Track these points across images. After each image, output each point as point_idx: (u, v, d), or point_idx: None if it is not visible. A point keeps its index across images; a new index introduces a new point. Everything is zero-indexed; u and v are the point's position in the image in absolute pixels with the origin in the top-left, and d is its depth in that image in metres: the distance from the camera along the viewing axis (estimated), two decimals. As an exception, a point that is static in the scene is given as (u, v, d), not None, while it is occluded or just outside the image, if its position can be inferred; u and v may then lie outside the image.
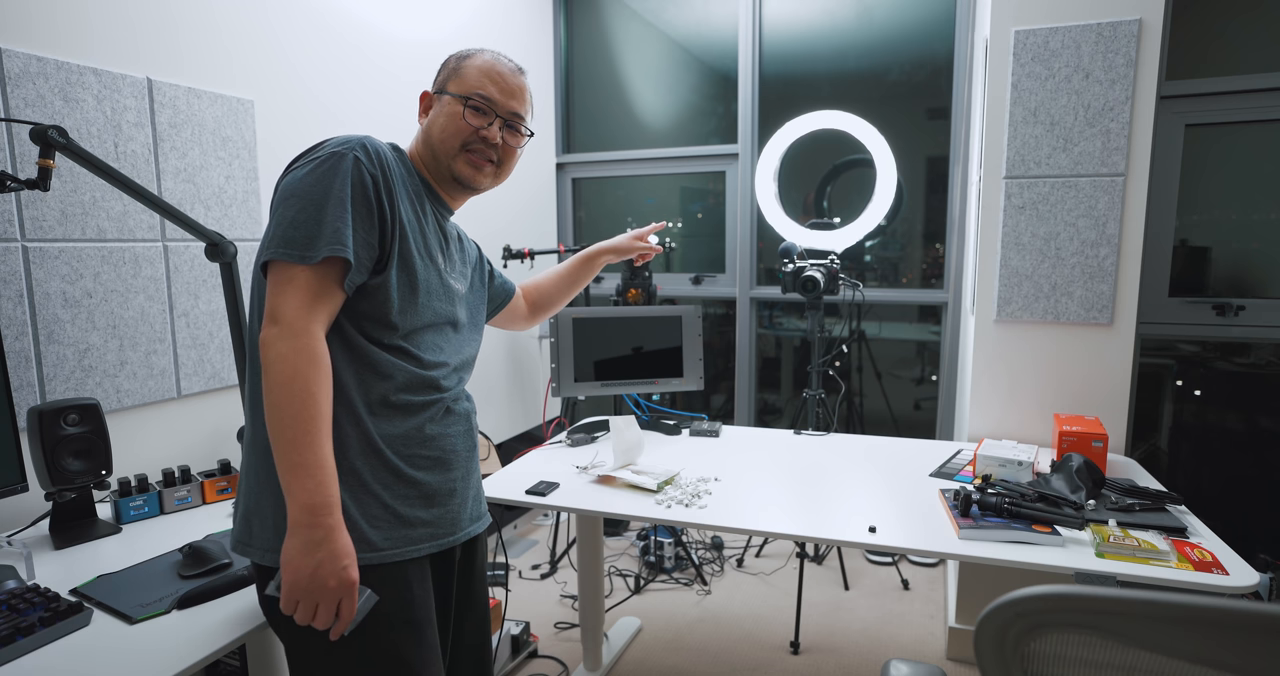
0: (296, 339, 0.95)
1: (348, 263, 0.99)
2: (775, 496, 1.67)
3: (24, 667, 0.99)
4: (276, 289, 0.98)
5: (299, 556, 0.92)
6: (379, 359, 1.06)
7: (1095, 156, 2.01)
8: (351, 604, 0.95)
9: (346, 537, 0.95)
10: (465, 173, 1.16)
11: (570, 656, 2.28)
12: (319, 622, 0.94)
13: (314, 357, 0.96)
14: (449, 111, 1.15)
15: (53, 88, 1.50)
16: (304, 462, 0.93)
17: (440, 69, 1.21)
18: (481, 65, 1.16)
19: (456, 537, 1.16)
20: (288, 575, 0.93)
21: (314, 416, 0.94)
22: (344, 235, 0.98)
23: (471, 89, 1.15)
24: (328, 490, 0.94)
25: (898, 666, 1.00)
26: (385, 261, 1.05)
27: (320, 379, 0.96)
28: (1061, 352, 2.11)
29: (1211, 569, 1.28)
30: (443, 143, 1.15)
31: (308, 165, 1.02)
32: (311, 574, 0.92)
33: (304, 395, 0.94)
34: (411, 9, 2.55)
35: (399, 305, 1.06)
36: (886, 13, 2.95)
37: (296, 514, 0.93)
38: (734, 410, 3.36)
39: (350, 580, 0.94)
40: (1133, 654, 0.61)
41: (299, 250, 0.97)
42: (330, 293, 0.99)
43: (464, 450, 1.18)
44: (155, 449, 1.74)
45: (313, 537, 0.92)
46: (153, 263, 1.71)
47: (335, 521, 0.94)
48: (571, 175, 3.57)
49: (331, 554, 0.93)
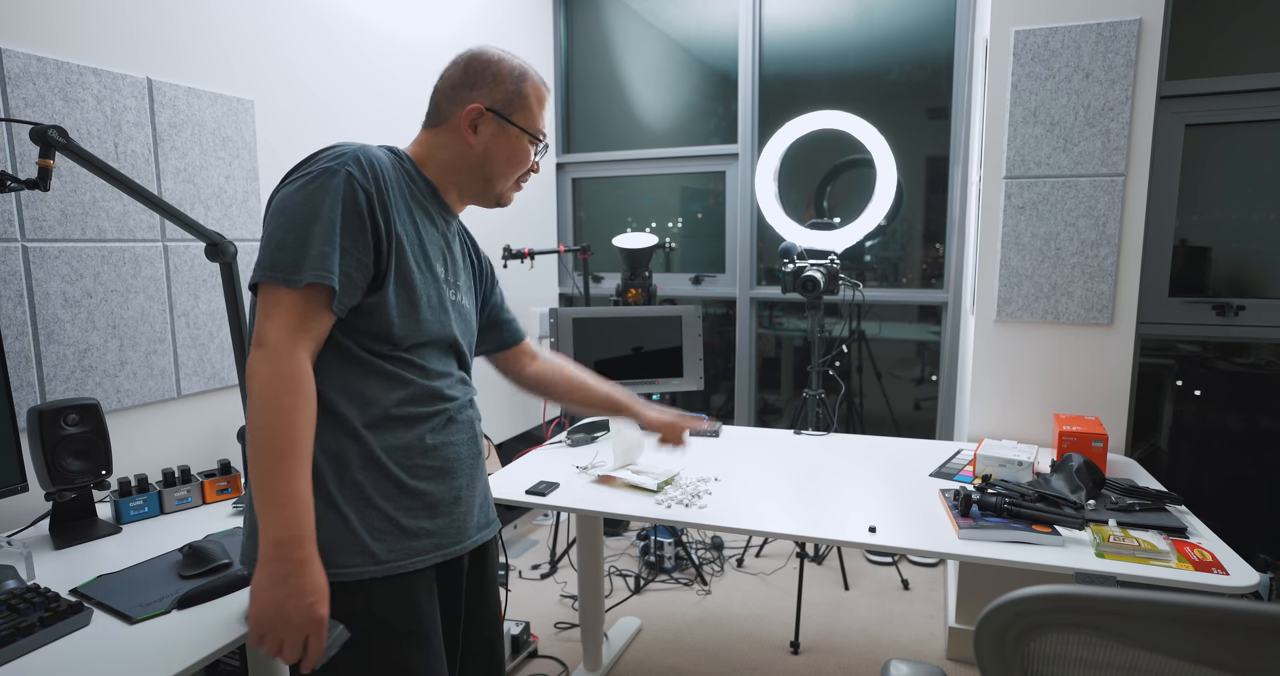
0: (278, 364, 0.93)
1: (332, 289, 0.97)
2: (775, 496, 1.67)
3: (24, 667, 0.99)
4: (263, 311, 0.96)
5: (264, 590, 0.90)
6: (382, 371, 1.04)
7: (1095, 156, 2.01)
8: (320, 640, 0.92)
9: (316, 572, 0.92)
10: (510, 197, 1.20)
11: (570, 656, 2.28)
12: (284, 658, 0.92)
13: (294, 384, 0.94)
14: (516, 146, 1.14)
15: (53, 88, 1.50)
16: (276, 493, 0.91)
17: (488, 78, 1.13)
18: (538, 95, 1.16)
19: (463, 546, 1.14)
20: (253, 608, 0.91)
21: (289, 445, 0.92)
22: (330, 260, 0.96)
23: (537, 126, 1.16)
24: (298, 522, 0.91)
25: (898, 666, 1.00)
26: (382, 279, 1.02)
27: (299, 406, 0.93)
28: (1061, 353, 2.11)
29: (1211, 569, 1.28)
30: (504, 174, 1.16)
31: (299, 181, 1.00)
32: (277, 609, 0.90)
33: (278, 423, 0.92)
34: (411, 9, 2.55)
35: (399, 321, 1.04)
36: (886, 13, 2.95)
37: (265, 546, 0.91)
38: (734, 410, 3.36)
39: (317, 617, 0.91)
40: (1133, 654, 0.61)
41: (284, 273, 0.95)
42: (317, 316, 0.97)
43: (468, 457, 1.16)
44: (155, 449, 1.74)
45: (280, 571, 0.90)
46: (153, 263, 1.71)
47: (304, 555, 0.91)
48: (571, 175, 3.57)
49: (298, 589, 0.90)
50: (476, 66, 1.13)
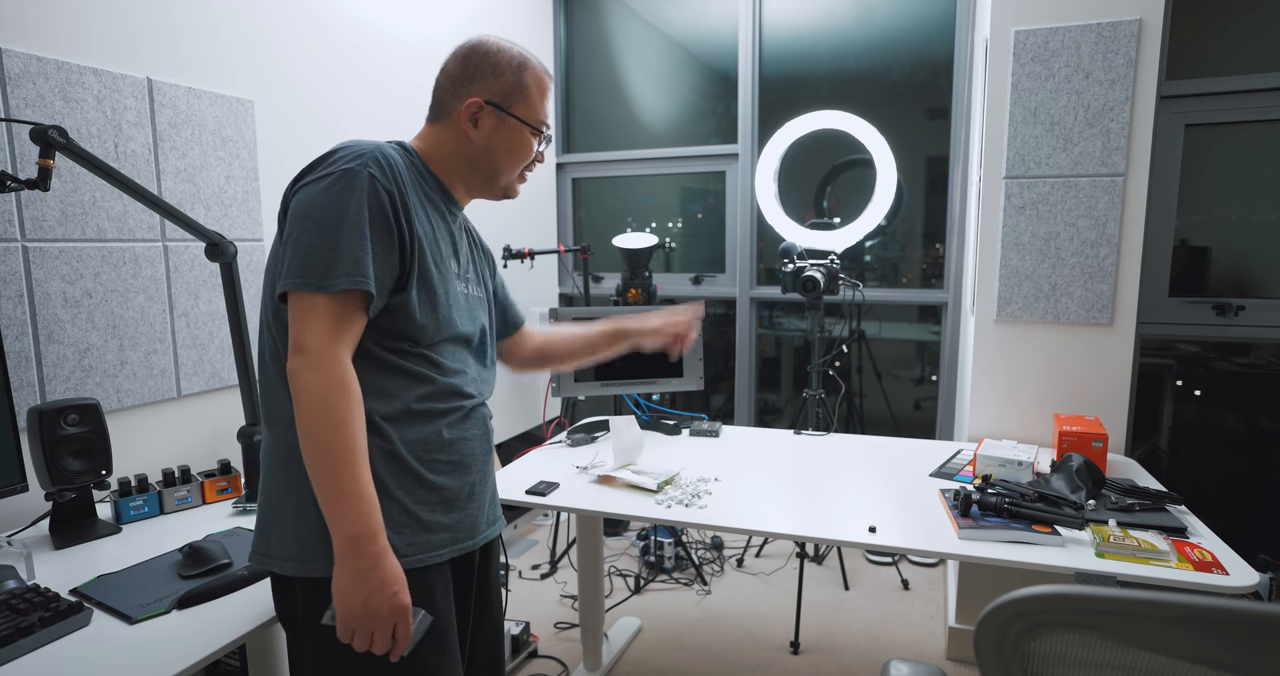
0: (325, 368, 0.94)
1: (368, 293, 0.98)
2: (775, 496, 1.67)
3: (24, 667, 0.99)
4: (298, 318, 0.96)
5: (350, 587, 0.93)
6: (402, 368, 1.05)
7: (1095, 156, 2.01)
8: (407, 628, 0.96)
9: (394, 563, 0.96)
10: (516, 189, 1.20)
11: (570, 656, 2.28)
12: (377, 648, 0.95)
13: (344, 387, 0.95)
14: (519, 139, 1.14)
15: (53, 88, 1.50)
16: (344, 493, 0.93)
17: (488, 70, 1.12)
18: (540, 85, 1.15)
19: (476, 541, 1.15)
20: (341, 606, 0.94)
21: (349, 446, 0.94)
22: (363, 264, 0.96)
23: (539, 117, 1.15)
24: (370, 518, 0.94)
25: (898, 666, 1.00)
26: (406, 279, 1.03)
27: (352, 407, 0.95)
28: (1061, 353, 2.11)
29: (1211, 569, 1.28)
30: (510, 166, 1.16)
31: (321, 182, 0.99)
32: (364, 603, 0.93)
33: (336, 425, 0.93)
34: (411, 9, 2.55)
35: (420, 320, 1.05)
36: (886, 13, 2.95)
37: (342, 544, 0.93)
38: (734, 410, 3.36)
39: (403, 605, 0.95)
40: (1133, 654, 0.61)
41: (316, 279, 0.95)
42: (353, 319, 0.98)
43: (481, 453, 1.17)
44: (155, 449, 1.74)
45: (361, 567, 0.93)
46: (153, 263, 1.71)
47: (381, 548, 0.94)
48: (571, 175, 3.57)
49: (381, 582, 0.93)
50: (475, 58, 1.12)
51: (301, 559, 1.01)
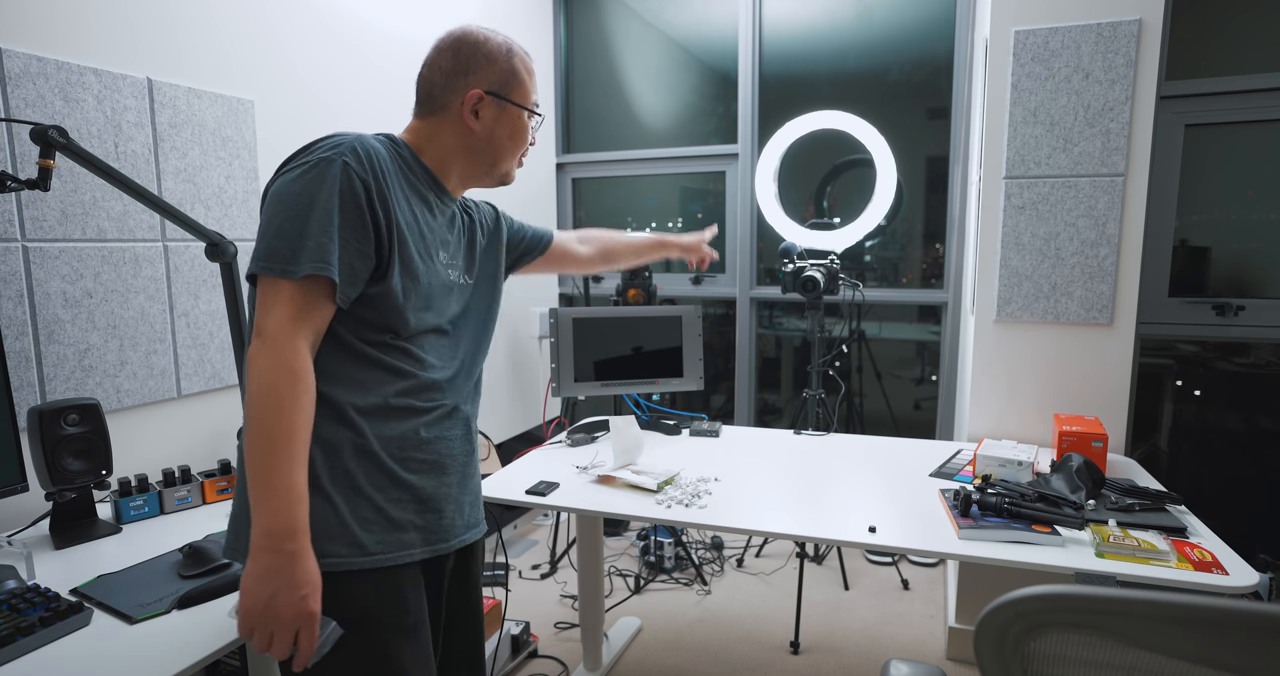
0: (277, 354, 0.92)
1: (333, 281, 0.96)
2: (775, 496, 1.67)
3: (24, 667, 0.99)
4: (262, 301, 0.95)
5: (255, 583, 0.88)
6: (381, 362, 1.04)
7: (1095, 156, 2.01)
8: (311, 635, 0.91)
9: (309, 565, 0.91)
10: (513, 175, 1.22)
11: (570, 656, 2.28)
12: (275, 653, 0.90)
13: (293, 374, 0.92)
14: (517, 124, 1.16)
15: (53, 88, 1.50)
16: (270, 484, 0.89)
17: (480, 60, 1.14)
18: (526, 67, 1.17)
19: (450, 544, 1.14)
20: (243, 601, 0.89)
21: (286, 435, 0.90)
22: (328, 251, 0.95)
23: (531, 99, 1.17)
24: (292, 514, 0.90)
25: (898, 666, 1.00)
26: (385, 268, 1.02)
27: (297, 396, 0.92)
28: (1061, 352, 2.11)
29: (1211, 569, 1.28)
30: (511, 152, 1.17)
31: (296, 170, 0.99)
32: (266, 603, 0.88)
33: (276, 413, 0.90)
34: (411, 9, 2.55)
35: (403, 310, 1.04)
36: (886, 13, 2.95)
37: (257, 537, 0.89)
38: (734, 410, 3.36)
39: (308, 611, 0.90)
40: (1133, 654, 0.61)
41: (281, 264, 0.94)
42: (317, 306, 0.96)
43: (461, 455, 1.15)
44: (155, 449, 1.74)
45: (272, 563, 0.88)
46: (153, 263, 1.71)
47: (297, 547, 0.90)
48: (571, 175, 3.57)
49: (289, 583, 0.88)
50: (467, 51, 1.14)
51: None
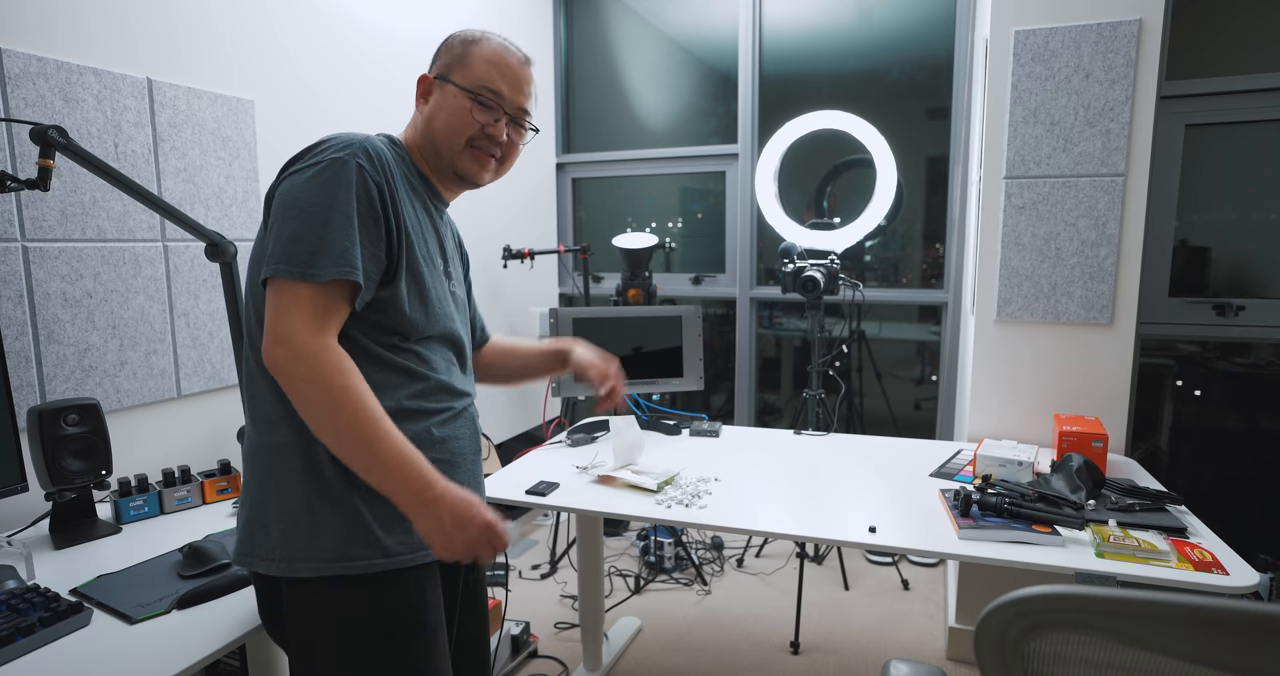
0: (315, 359, 0.92)
1: (356, 285, 0.96)
2: (775, 496, 1.67)
3: (24, 667, 0.99)
4: (280, 306, 0.93)
5: (436, 533, 0.95)
6: (394, 365, 1.04)
7: (1095, 156, 2.00)
8: (502, 539, 0.98)
9: (459, 493, 0.96)
10: (470, 169, 1.13)
11: (570, 656, 2.28)
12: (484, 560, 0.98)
13: (339, 368, 0.93)
14: (455, 105, 1.09)
15: (53, 88, 1.50)
16: (383, 465, 0.93)
17: (442, 50, 1.14)
18: (490, 55, 1.10)
19: None
20: (437, 548, 0.95)
21: (369, 417, 0.93)
22: (352, 255, 0.94)
23: (479, 82, 1.09)
24: (416, 471, 0.94)
25: (898, 666, 1.00)
26: (394, 272, 1.01)
27: (355, 382, 0.94)
28: (1061, 353, 2.11)
29: (1211, 569, 1.28)
30: (447, 137, 1.10)
31: (308, 170, 0.98)
32: (456, 538, 0.94)
33: (344, 405, 0.92)
34: (411, 9, 2.55)
35: (411, 314, 1.03)
36: (886, 13, 2.95)
37: (406, 506, 0.94)
38: (734, 410, 3.36)
39: (485, 522, 0.96)
40: (1133, 654, 0.61)
41: (302, 267, 0.93)
42: (337, 310, 0.96)
43: (470, 452, 1.16)
44: (155, 449, 1.74)
45: (433, 513, 0.94)
46: (153, 263, 1.71)
47: (439, 491, 0.95)
48: (571, 175, 3.57)
49: (458, 521, 0.94)
50: (442, 45, 1.16)
51: (288, 558, 0.99)
